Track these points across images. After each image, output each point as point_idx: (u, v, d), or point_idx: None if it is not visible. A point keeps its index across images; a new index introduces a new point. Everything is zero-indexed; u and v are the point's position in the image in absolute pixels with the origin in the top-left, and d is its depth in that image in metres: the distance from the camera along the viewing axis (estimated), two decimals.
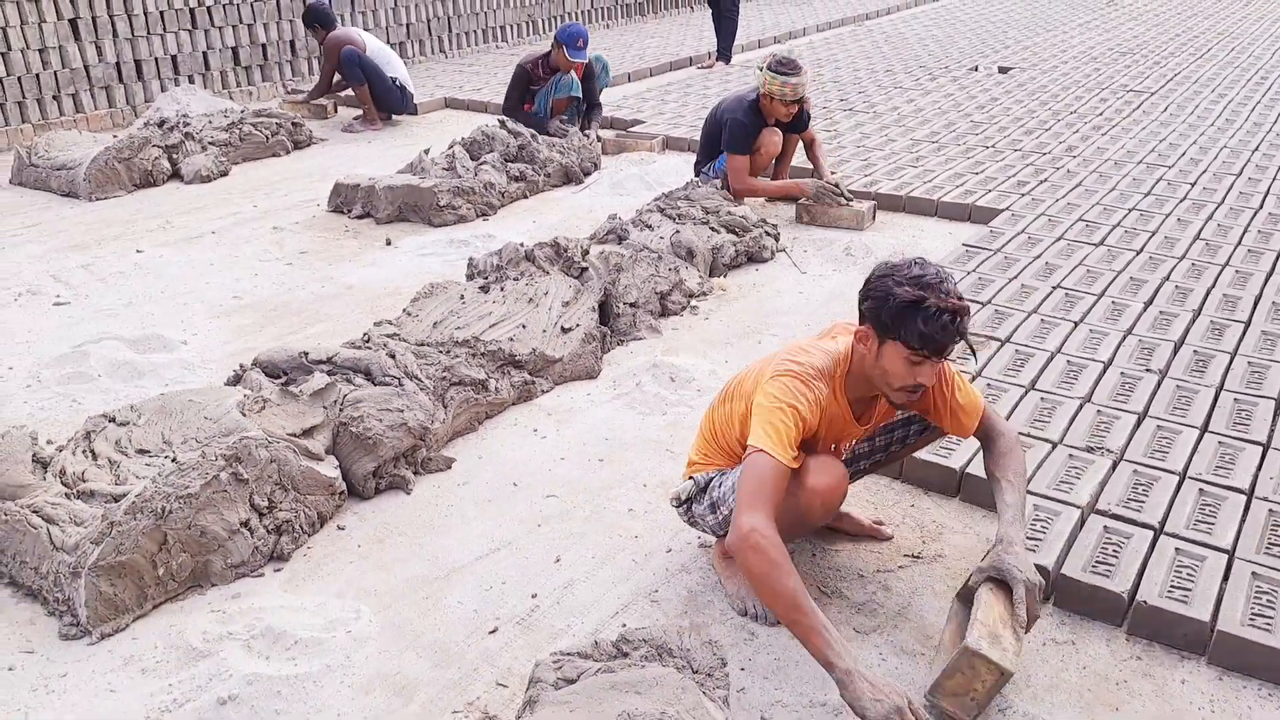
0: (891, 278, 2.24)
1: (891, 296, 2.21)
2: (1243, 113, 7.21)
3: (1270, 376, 3.46)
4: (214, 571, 2.67)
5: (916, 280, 2.21)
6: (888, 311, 2.22)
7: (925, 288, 2.19)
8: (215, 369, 3.78)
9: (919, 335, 2.19)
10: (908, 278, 2.22)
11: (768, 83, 5.21)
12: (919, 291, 2.19)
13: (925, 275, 2.22)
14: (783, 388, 2.31)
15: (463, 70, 9.30)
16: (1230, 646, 2.35)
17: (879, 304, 2.24)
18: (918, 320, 2.18)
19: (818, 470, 2.37)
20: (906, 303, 2.19)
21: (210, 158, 6.30)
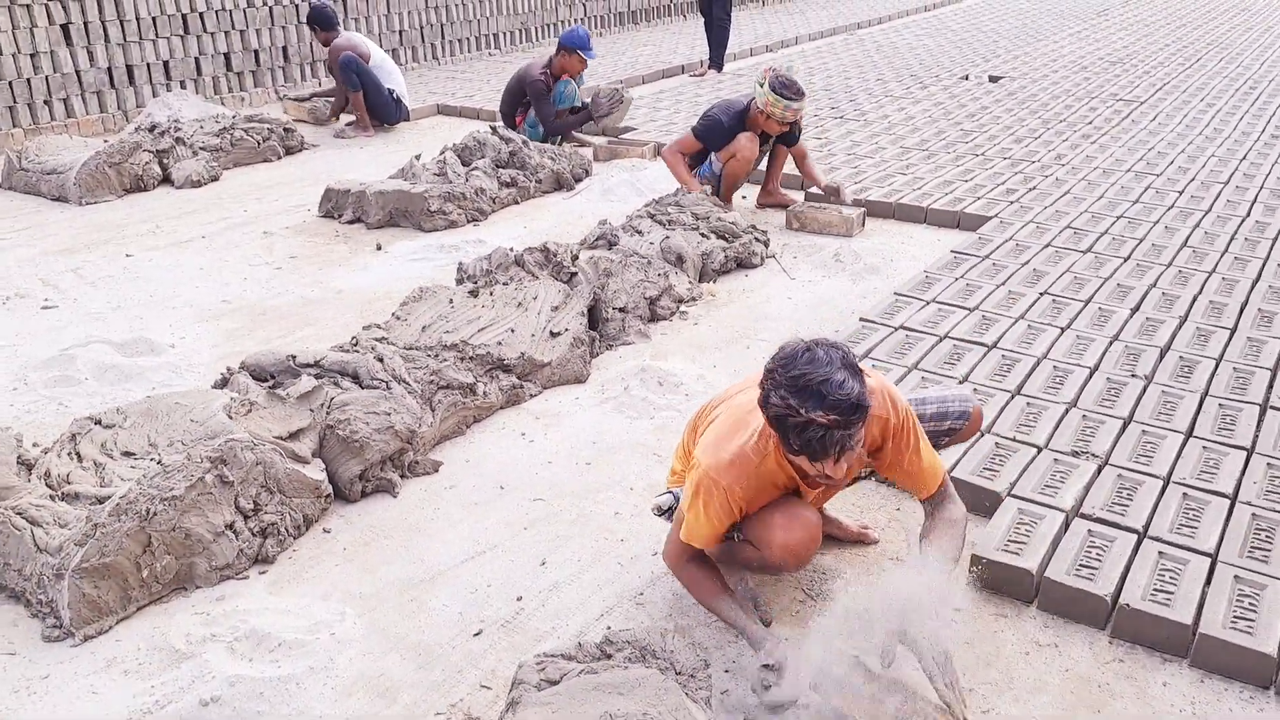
0: (774, 376, 2.11)
1: (770, 402, 2.11)
2: (1231, 121, 7.25)
3: (1254, 382, 3.48)
4: (198, 574, 2.67)
5: (794, 385, 2.06)
6: (770, 418, 2.14)
7: (799, 395, 2.05)
8: (203, 372, 3.78)
9: (793, 448, 2.13)
10: (787, 380, 2.08)
11: (770, 103, 5.22)
12: (791, 402, 2.06)
13: (805, 378, 2.06)
14: (705, 491, 2.32)
15: (455, 77, 9.31)
16: (1212, 649, 2.36)
17: (763, 405, 2.14)
18: (790, 434, 2.10)
19: (785, 525, 2.35)
20: (780, 415, 2.09)
21: (201, 163, 6.30)
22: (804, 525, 2.36)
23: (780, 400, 2.08)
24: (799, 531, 2.35)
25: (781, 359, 2.13)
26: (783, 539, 2.34)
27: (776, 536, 2.34)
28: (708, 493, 2.32)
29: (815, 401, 2.04)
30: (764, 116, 5.30)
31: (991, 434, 3.19)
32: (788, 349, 2.14)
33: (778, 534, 2.34)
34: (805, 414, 2.05)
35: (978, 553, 2.64)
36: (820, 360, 2.08)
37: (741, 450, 2.31)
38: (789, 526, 2.34)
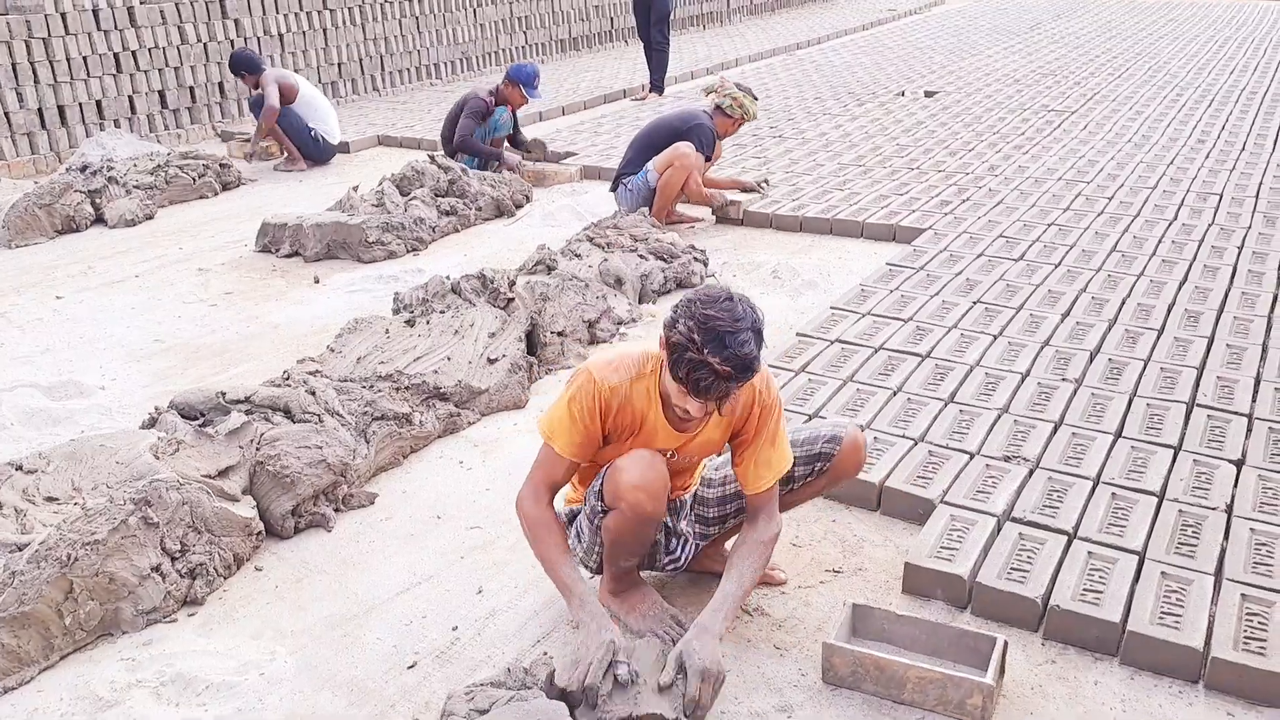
0: (690, 307, 2.17)
1: (675, 329, 2.16)
2: (1158, 129, 7.43)
3: (1181, 381, 3.55)
4: (124, 619, 2.61)
5: (705, 323, 2.12)
6: (667, 338, 2.20)
7: (705, 335, 2.12)
8: (133, 414, 3.71)
9: (678, 376, 2.19)
10: (700, 316, 2.13)
11: (748, 105, 5.56)
12: (694, 336, 2.13)
13: (715, 322, 2.12)
14: (578, 386, 2.35)
15: (395, 108, 9.29)
16: (1141, 646, 2.39)
17: (668, 326, 2.19)
18: (684, 363, 2.15)
19: (629, 466, 2.34)
20: (679, 342, 2.15)
21: (135, 201, 6.22)
22: (648, 464, 2.34)
23: (686, 331, 2.14)
24: (644, 469, 2.33)
25: (702, 294, 2.20)
26: (627, 479, 2.32)
27: (623, 476, 2.33)
28: (581, 388, 2.33)
29: (716, 347, 2.12)
30: (733, 123, 5.65)
31: (925, 442, 3.22)
32: (713, 290, 2.22)
33: (624, 475, 2.33)
34: (703, 354, 2.12)
35: (910, 560, 2.65)
36: (736, 314, 2.15)
37: (624, 358, 2.37)
38: (635, 466, 2.33)
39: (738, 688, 2.37)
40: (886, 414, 3.40)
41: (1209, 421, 3.28)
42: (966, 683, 2.22)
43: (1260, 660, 2.27)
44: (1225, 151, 6.69)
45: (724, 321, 2.12)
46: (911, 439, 3.24)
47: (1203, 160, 6.48)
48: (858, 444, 2.57)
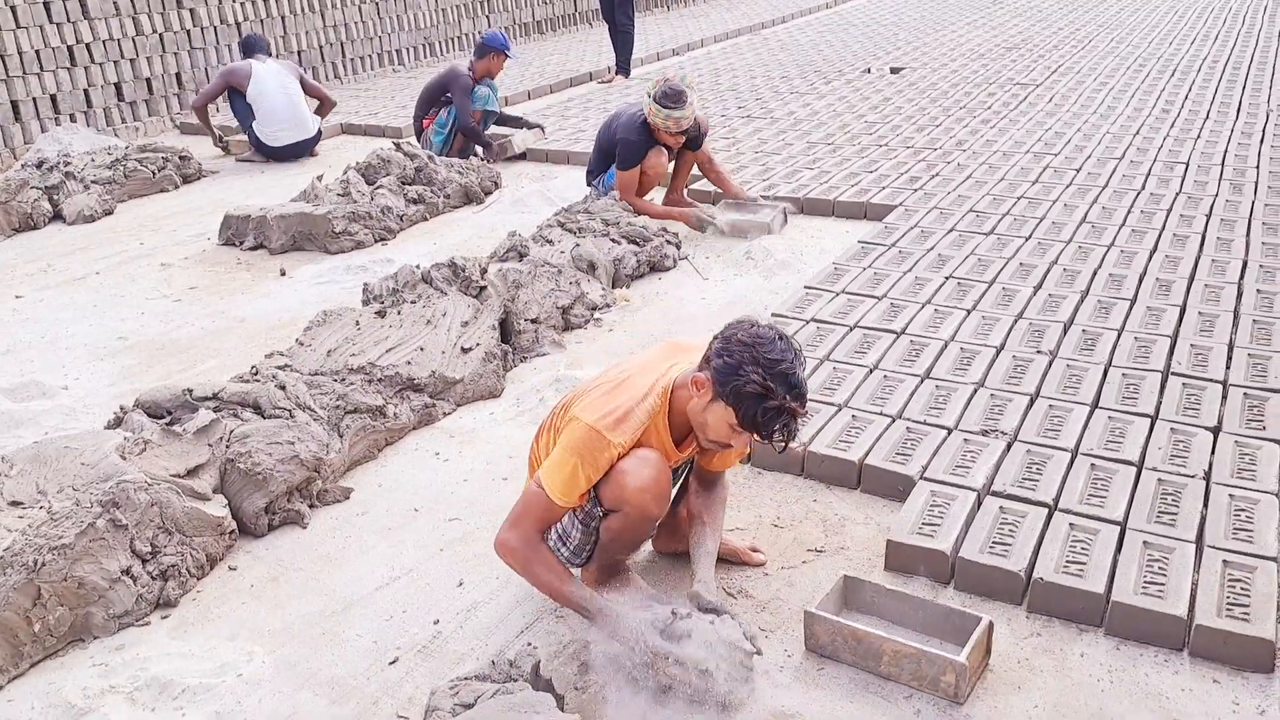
0: (751, 352, 2.20)
1: (743, 376, 2.19)
2: (1123, 99, 7.46)
3: (1155, 350, 3.56)
4: (95, 624, 2.55)
5: (772, 368, 2.19)
6: (735, 388, 2.20)
7: (777, 380, 2.19)
8: (98, 414, 3.63)
9: (752, 421, 2.22)
10: (765, 361, 2.19)
11: (652, 114, 5.14)
12: (769, 384, 2.18)
13: (782, 365, 2.20)
14: (583, 443, 2.30)
15: (359, 95, 9.16)
16: (1125, 616, 2.39)
17: (729, 374, 2.21)
18: (758, 411, 2.20)
19: (633, 470, 2.34)
20: (755, 392, 2.19)
21: (93, 197, 6.09)
22: (651, 463, 2.35)
23: (758, 380, 2.18)
24: (648, 470, 2.34)
25: (755, 338, 2.22)
26: (634, 482, 2.32)
27: (629, 480, 2.33)
28: (592, 447, 2.30)
29: (786, 389, 2.19)
30: (668, 135, 5.24)
31: (903, 419, 3.21)
32: (758, 330, 2.25)
33: (629, 478, 2.33)
34: (779, 398, 2.19)
35: (892, 537, 2.65)
36: (788, 350, 2.23)
37: (630, 410, 2.34)
38: (638, 469, 2.33)
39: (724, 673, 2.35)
40: (864, 392, 3.39)
41: (1184, 389, 3.29)
42: (940, 660, 2.22)
43: (1244, 626, 2.28)
44: (1190, 121, 6.72)
45: (785, 362, 2.20)
46: (889, 416, 3.23)
47: (1168, 130, 6.51)
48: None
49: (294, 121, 7.09)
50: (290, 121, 7.08)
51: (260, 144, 7.10)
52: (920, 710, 2.22)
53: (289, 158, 7.20)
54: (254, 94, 6.94)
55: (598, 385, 2.44)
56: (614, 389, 2.39)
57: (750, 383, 2.18)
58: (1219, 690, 2.24)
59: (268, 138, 7.06)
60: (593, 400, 2.38)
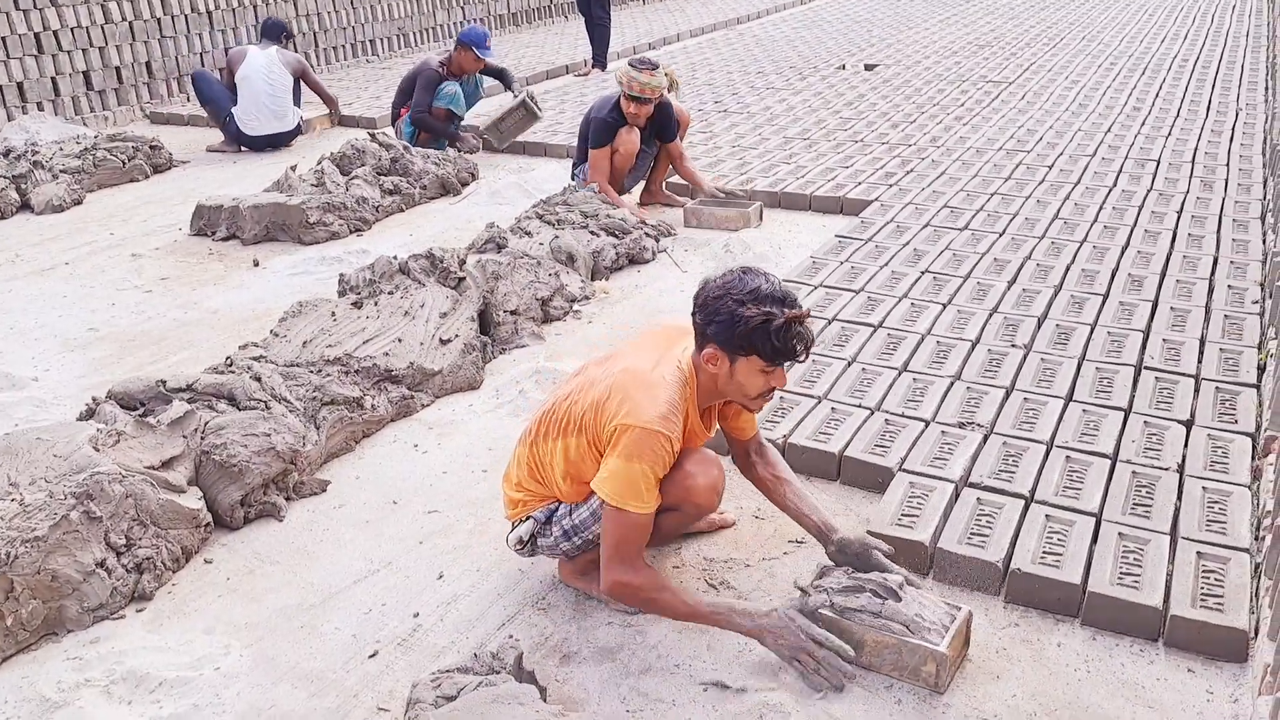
0: (730, 297, 2.21)
1: (737, 318, 2.20)
2: (1095, 97, 7.54)
3: (1128, 344, 3.60)
4: (69, 617, 2.51)
5: (755, 295, 2.20)
6: (739, 333, 2.21)
7: (767, 301, 2.20)
8: (69, 406, 3.58)
9: (773, 351, 2.23)
10: (747, 294, 2.20)
11: (619, 75, 5.27)
12: (764, 308, 2.19)
13: (762, 288, 2.21)
14: (641, 445, 2.25)
15: (333, 86, 9.06)
16: (1101, 607, 2.41)
17: (726, 327, 2.22)
18: (770, 338, 2.20)
19: (700, 469, 2.40)
20: (756, 323, 2.19)
21: (62, 186, 5.99)
22: (712, 462, 2.44)
23: (756, 311, 2.18)
24: (713, 469, 2.42)
25: (724, 284, 2.24)
26: (704, 482, 2.39)
27: (699, 481, 2.38)
28: (653, 447, 2.25)
29: (780, 304, 2.20)
30: (628, 100, 5.27)
31: (881, 410, 3.22)
32: (723, 277, 2.26)
33: (699, 479, 2.38)
34: (780, 315, 2.18)
35: (872, 529, 2.66)
36: (754, 275, 2.24)
37: (671, 402, 2.30)
38: (704, 469, 2.40)
39: (706, 662, 2.36)
40: (842, 384, 3.40)
41: (1157, 383, 3.33)
42: (921, 649, 2.23)
43: (1218, 616, 2.31)
44: (1161, 118, 6.80)
45: (763, 284, 2.22)
46: (868, 409, 3.24)
47: (1139, 127, 6.59)
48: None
49: (274, 112, 7.03)
50: (270, 111, 7.02)
51: (237, 132, 7.02)
52: (901, 700, 2.24)
53: (263, 148, 7.12)
54: (241, 77, 6.89)
55: (616, 388, 2.33)
56: (639, 388, 2.30)
57: (746, 320, 2.19)
58: (1193, 680, 2.27)
59: (245, 125, 6.99)
60: (625, 404, 2.28)
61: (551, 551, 2.55)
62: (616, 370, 2.38)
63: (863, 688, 2.27)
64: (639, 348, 2.51)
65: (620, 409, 2.28)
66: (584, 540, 2.49)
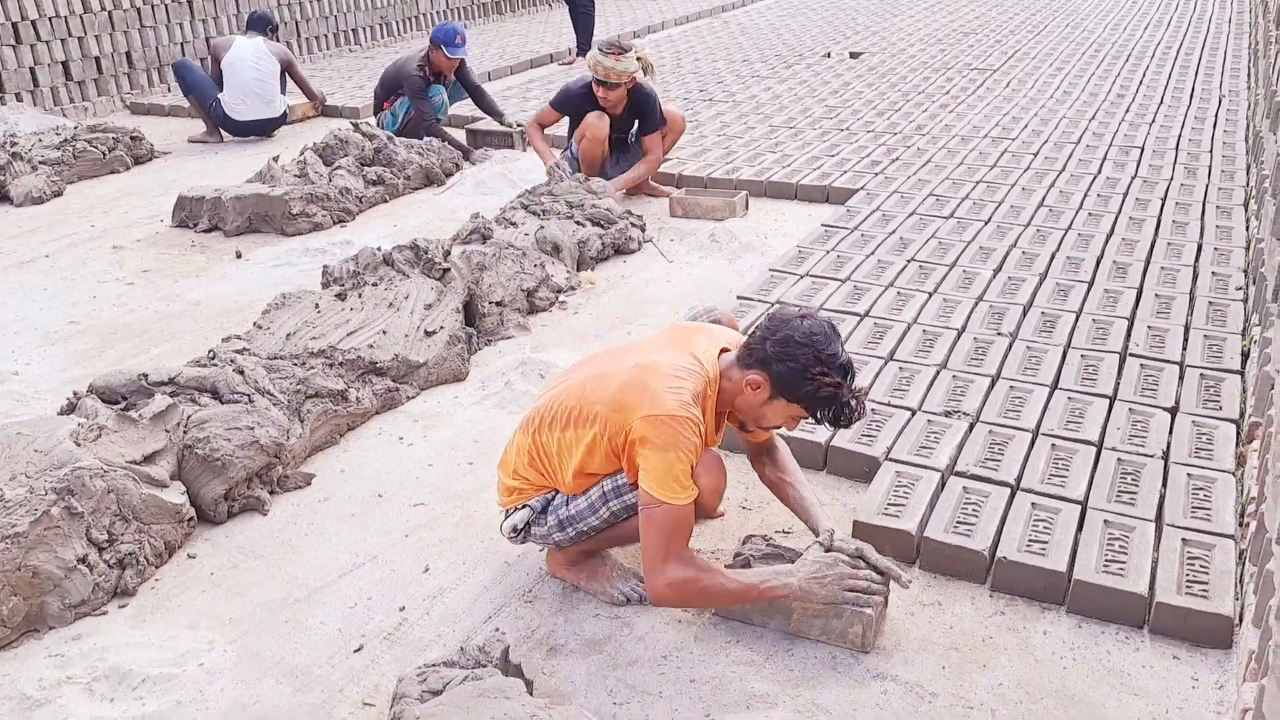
0: (814, 350, 2.24)
1: (810, 377, 2.24)
2: (1079, 84, 7.54)
3: (1114, 331, 3.61)
4: (51, 613, 2.49)
5: (834, 361, 2.26)
6: (804, 390, 2.27)
7: (841, 372, 2.27)
8: (50, 399, 3.54)
9: (822, 416, 2.32)
10: (828, 356, 2.25)
11: (589, 60, 5.28)
12: (838, 379, 2.26)
13: (840, 356, 2.28)
14: (671, 434, 2.24)
15: (314, 75, 8.99)
16: (1086, 594, 2.42)
17: (794, 376, 2.25)
18: (832, 409, 2.29)
19: (706, 471, 2.39)
20: (827, 393, 2.26)
21: (42, 178, 5.93)
22: (716, 464, 2.45)
23: (831, 380, 2.25)
24: (717, 472, 2.44)
25: (812, 334, 2.27)
26: (708, 483, 2.39)
27: (703, 483, 2.36)
28: (682, 434, 2.24)
29: (847, 375, 2.30)
30: (596, 85, 5.28)
31: (867, 400, 3.21)
32: (809, 324, 2.29)
33: (703, 481, 2.36)
34: (848, 393, 2.28)
35: (859, 518, 2.66)
36: (836, 338, 2.31)
37: (693, 393, 2.31)
38: (710, 472, 2.41)
39: (694, 654, 2.35)
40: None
41: (1142, 370, 3.34)
42: (847, 612, 2.31)
43: (1203, 603, 2.32)
44: (1145, 105, 6.81)
45: (841, 358, 2.28)
46: None
47: (1123, 115, 6.60)
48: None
49: (261, 97, 6.98)
50: (257, 97, 6.97)
51: (223, 118, 6.97)
52: (887, 690, 2.24)
53: (248, 134, 7.09)
54: (227, 63, 6.83)
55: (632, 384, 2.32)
56: (656, 379, 2.30)
57: (821, 384, 2.25)
58: (1179, 666, 2.28)
59: (231, 110, 6.95)
60: (643, 397, 2.28)
61: (545, 541, 2.54)
62: (630, 365, 2.37)
63: (851, 678, 2.27)
64: (655, 342, 2.50)
65: (642, 402, 2.27)
66: (578, 532, 2.48)
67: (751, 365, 2.32)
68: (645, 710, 2.20)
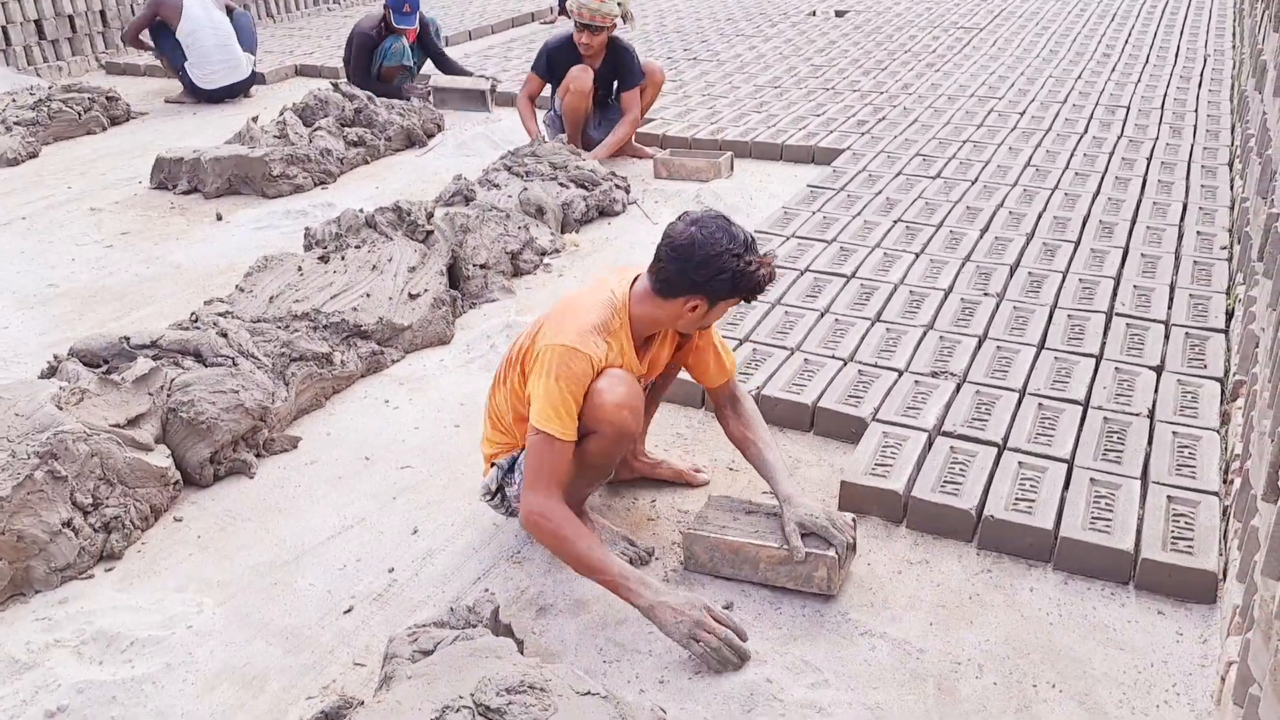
0: (729, 253, 2.28)
1: (740, 274, 2.30)
2: (1065, 43, 7.51)
3: (1100, 291, 3.61)
4: (36, 577, 2.47)
5: (746, 246, 2.32)
6: (741, 285, 2.31)
7: (752, 250, 2.33)
8: (30, 363, 3.50)
9: (753, 293, 2.37)
10: (740, 246, 2.30)
11: (571, 3, 5.23)
12: (749, 257, 2.31)
13: (746, 238, 2.33)
14: (558, 361, 2.26)
15: (293, 35, 8.87)
16: (1073, 551, 2.44)
17: (726, 284, 2.30)
18: (759, 285, 2.35)
19: (609, 387, 2.31)
20: (749, 273, 2.30)
21: (16, 139, 5.83)
22: (622, 379, 2.33)
23: (755, 263, 2.31)
24: (622, 385, 2.32)
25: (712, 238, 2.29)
26: (612, 398, 2.29)
27: (606, 398, 2.30)
28: (567, 363, 2.25)
29: (755, 251, 2.34)
30: (578, 30, 5.24)
31: (854, 361, 3.22)
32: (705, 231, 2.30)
33: (606, 396, 2.30)
34: (755, 263, 2.32)
35: (846, 479, 2.67)
36: (730, 222, 2.36)
37: (594, 325, 2.32)
38: (612, 384, 2.31)
39: None
40: (815, 335, 3.39)
41: (1128, 330, 3.35)
42: (812, 556, 2.34)
43: (1188, 559, 2.34)
44: (1130, 65, 6.79)
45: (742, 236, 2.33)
46: (841, 359, 3.24)
47: (1109, 74, 6.58)
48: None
49: (227, 63, 6.82)
50: (223, 63, 6.80)
51: (193, 86, 6.83)
52: (875, 647, 2.25)
53: (222, 99, 6.95)
54: (184, 32, 6.64)
55: (549, 318, 2.41)
56: (566, 313, 2.36)
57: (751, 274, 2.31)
58: (1163, 621, 2.30)
59: (201, 80, 6.79)
60: (550, 328, 2.34)
61: (517, 500, 2.53)
62: (554, 305, 2.45)
63: (839, 635, 2.29)
64: (590, 286, 2.52)
65: (548, 334, 2.33)
66: None
67: (678, 294, 2.33)
68: (635, 668, 2.21)
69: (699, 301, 2.34)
